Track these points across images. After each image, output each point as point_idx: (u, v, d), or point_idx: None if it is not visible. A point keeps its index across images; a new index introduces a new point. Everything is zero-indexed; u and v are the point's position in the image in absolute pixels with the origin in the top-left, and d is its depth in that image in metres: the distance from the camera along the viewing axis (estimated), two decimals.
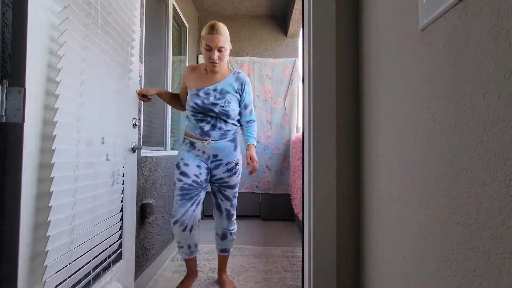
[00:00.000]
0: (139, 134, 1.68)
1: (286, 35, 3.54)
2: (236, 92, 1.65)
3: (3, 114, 0.69)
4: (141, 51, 1.72)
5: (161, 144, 2.36)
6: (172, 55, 2.60)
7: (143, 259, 1.78)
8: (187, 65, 3.01)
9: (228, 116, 1.61)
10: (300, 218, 2.54)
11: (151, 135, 2.13)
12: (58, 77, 0.84)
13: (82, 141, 0.98)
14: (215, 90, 1.62)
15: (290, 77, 3.46)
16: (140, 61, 1.70)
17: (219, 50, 1.56)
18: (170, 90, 2.46)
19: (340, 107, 0.94)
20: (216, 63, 1.57)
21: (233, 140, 1.69)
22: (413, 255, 0.59)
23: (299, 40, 3.53)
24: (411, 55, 0.60)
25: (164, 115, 2.41)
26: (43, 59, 0.78)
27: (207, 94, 1.61)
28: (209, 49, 1.55)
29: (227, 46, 1.59)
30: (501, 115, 0.38)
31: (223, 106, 1.59)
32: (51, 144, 0.80)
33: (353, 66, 0.94)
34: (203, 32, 1.57)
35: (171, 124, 2.59)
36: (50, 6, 0.80)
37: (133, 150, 1.42)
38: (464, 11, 0.45)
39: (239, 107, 1.68)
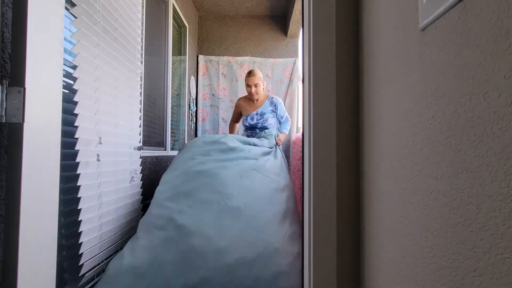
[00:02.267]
0: (139, 134, 1.68)
1: (286, 35, 3.54)
2: (273, 112, 2.61)
3: (3, 114, 0.69)
4: (141, 52, 1.72)
5: (161, 144, 2.35)
6: (172, 55, 2.60)
7: None
8: (186, 66, 3.01)
9: (266, 128, 2.57)
10: (300, 218, 2.53)
11: (151, 135, 2.13)
12: (76, 86, 0.91)
13: (102, 142, 1.06)
14: (257, 114, 2.59)
15: (290, 77, 3.46)
16: (141, 62, 1.71)
17: (255, 86, 2.51)
18: (170, 89, 2.47)
19: (340, 107, 0.94)
20: (253, 94, 2.55)
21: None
22: (413, 255, 0.59)
23: (299, 40, 3.53)
24: (411, 55, 0.60)
25: (164, 115, 2.40)
26: (46, 60, 0.78)
27: (252, 118, 2.59)
28: (249, 86, 2.51)
29: (260, 82, 2.53)
30: (501, 115, 0.38)
31: (263, 123, 2.57)
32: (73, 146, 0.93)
33: (353, 66, 0.94)
34: (245, 76, 2.54)
35: (171, 124, 2.59)
36: (52, 8, 0.80)
37: (136, 149, 1.43)
38: (464, 11, 0.45)
39: (277, 118, 2.62)
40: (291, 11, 3.05)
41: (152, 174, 1.98)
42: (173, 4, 2.53)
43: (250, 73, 2.54)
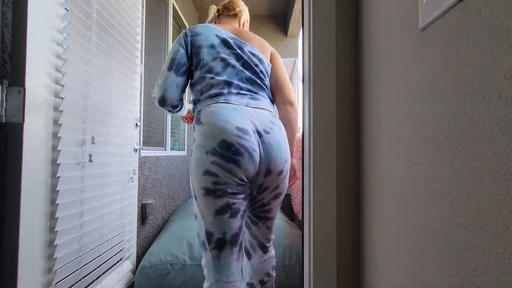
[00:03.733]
0: (139, 134, 1.68)
1: (286, 35, 3.54)
2: None
3: (3, 114, 0.69)
4: (141, 51, 1.72)
5: (161, 144, 2.35)
6: None
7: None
8: None
9: None
10: (300, 218, 2.54)
11: (151, 135, 2.13)
12: (62, 81, 0.86)
13: (88, 143, 1.00)
14: None
15: (290, 77, 3.46)
16: (140, 61, 1.71)
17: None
18: None
19: (340, 107, 0.94)
20: None
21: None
22: (413, 255, 0.59)
23: (299, 40, 3.53)
24: (411, 55, 0.60)
25: (164, 115, 2.40)
26: (46, 60, 0.78)
27: None
28: None
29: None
30: (501, 115, 0.38)
31: None
32: (57, 145, 0.86)
33: (353, 66, 0.94)
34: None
35: (171, 124, 2.59)
36: (51, 8, 0.80)
37: (135, 150, 1.42)
38: (464, 11, 0.45)
39: None
40: (291, 11, 3.05)
41: (152, 174, 1.98)
42: (173, 4, 2.53)
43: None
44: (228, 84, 1.03)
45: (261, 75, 1.11)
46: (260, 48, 1.18)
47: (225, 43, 1.08)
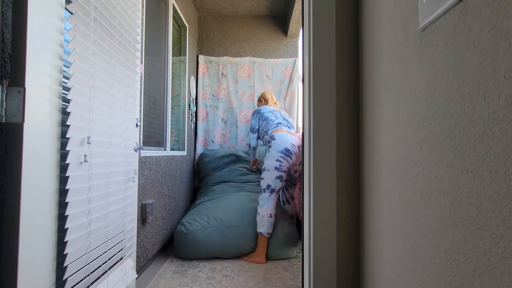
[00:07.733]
0: (139, 134, 1.68)
1: (286, 35, 3.54)
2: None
3: (3, 114, 0.69)
4: (141, 51, 1.72)
5: (161, 144, 2.35)
6: (172, 56, 2.60)
7: (143, 259, 1.78)
8: (186, 66, 3.00)
9: None
10: (300, 218, 2.54)
11: (151, 135, 2.13)
12: (69, 83, 0.87)
13: (93, 143, 1.01)
14: None
15: (290, 77, 3.46)
16: (140, 61, 1.71)
17: None
18: (170, 89, 2.46)
19: (340, 107, 0.94)
20: None
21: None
22: (413, 255, 0.59)
23: (299, 40, 3.53)
24: (411, 55, 0.60)
25: (164, 115, 2.40)
26: (46, 60, 0.78)
27: None
28: None
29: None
30: (501, 115, 0.38)
31: None
32: (64, 146, 0.87)
33: (353, 66, 0.94)
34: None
35: (171, 124, 2.59)
36: (52, 8, 0.80)
37: (135, 150, 1.43)
38: (464, 11, 0.45)
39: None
40: (291, 11, 3.05)
41: (152, 174, 1.98)
42: (173, 4, 2.53)
43: None
44: (280, 123, 2.36)
45: (290, 123, 2.46)
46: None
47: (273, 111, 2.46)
